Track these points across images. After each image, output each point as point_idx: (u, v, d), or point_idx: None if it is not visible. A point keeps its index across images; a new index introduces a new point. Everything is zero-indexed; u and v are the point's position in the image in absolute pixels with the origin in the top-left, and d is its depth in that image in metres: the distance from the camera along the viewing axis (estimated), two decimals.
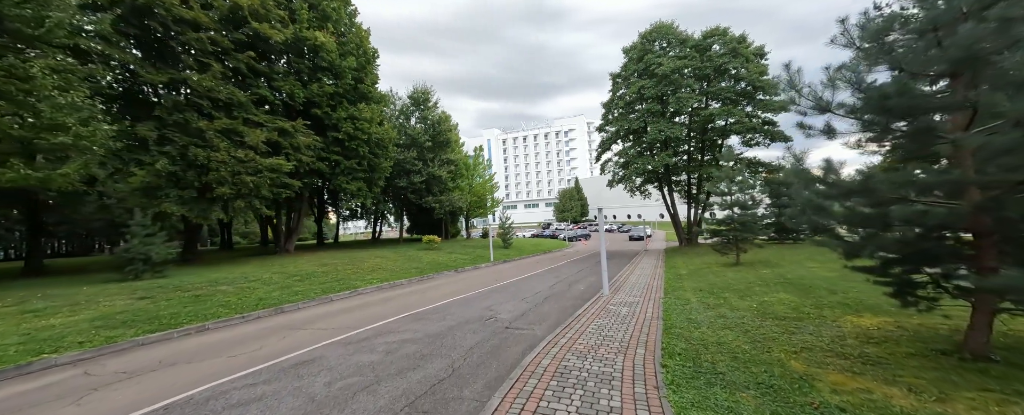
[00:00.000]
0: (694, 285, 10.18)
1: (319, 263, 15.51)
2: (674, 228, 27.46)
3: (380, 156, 21.09)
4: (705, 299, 8.09)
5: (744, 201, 12.68)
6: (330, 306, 9.37)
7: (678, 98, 20.16)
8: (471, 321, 7.37)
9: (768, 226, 12.71)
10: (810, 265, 12.14)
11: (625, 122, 22.92)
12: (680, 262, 16.70)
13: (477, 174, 35.82)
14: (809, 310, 6.29)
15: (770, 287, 8.68)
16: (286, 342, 6.10)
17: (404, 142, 25.48)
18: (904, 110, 3.27)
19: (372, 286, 11.96)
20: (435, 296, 10.34)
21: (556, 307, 8.57)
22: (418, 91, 27.62)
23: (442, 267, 16.89)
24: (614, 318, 7.00)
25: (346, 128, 18.23)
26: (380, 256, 18.74)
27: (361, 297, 10.59)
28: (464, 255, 21.39)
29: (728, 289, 9.00)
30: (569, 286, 11.80)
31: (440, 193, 27.27)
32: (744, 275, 10.91)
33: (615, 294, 9.55)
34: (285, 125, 15.57)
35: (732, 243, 13.11)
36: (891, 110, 3.30)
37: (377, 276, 13.69)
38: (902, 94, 3.14)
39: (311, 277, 12.50)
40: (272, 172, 14.42)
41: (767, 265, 12.54)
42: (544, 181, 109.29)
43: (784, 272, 10.76)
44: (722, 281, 10.28)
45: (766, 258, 14.38)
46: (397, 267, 16.00)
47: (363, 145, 19.19)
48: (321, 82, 17.44)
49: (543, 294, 10.35)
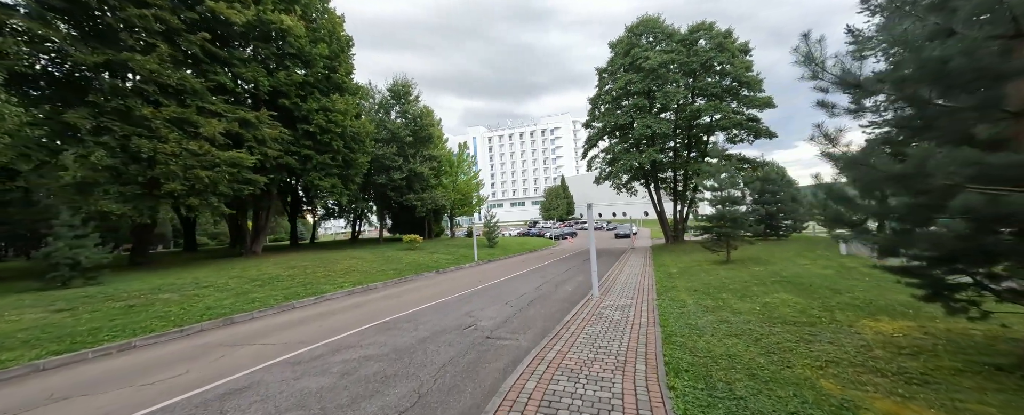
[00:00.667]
0: (687, 284, 9.64)
1: (287, 265, 14.30)
2: (660, 225, 27.25)
3: (357, 151, 19.89)
4: (702, 300, 7.51)
5: (734, 197, 12.28)
6: (290, 315, 8.35)
7: (665, 92, 19.79)
8: (448, 330, 6.54)
9: (757, 222, 12.31)
10: (801, 262, 11.83)
11: (612, 117, 22.43)
12: (669, 260, 16.28)
13: (461, 171, 34.82)
14: (818, 313, 5.76)
15: (768, 286, 8.19)
16: (221, 363, 5.12)
17: (384, 137, 24.28)
18: (968, 77, 2.67)
19: (342, 291, 10.93)
20: (411, 301, 9.44)
21: (543, 311, 7.83)
22: (398, 84, 26.41)
23: (422, 268, 15.94)
24: (606, 324, 6.31)
25: (318, 120, 16.99)
26: (356, 257, 17.61)
27: (328, 303, 9.58)
28: (447, 255, 20.46)
29: (724, 289, 8.47)
30: (556, 287, 11.10)
31: (422, 190, 26.18)
32: (737, 273, 10.45)
33: (605, 296, 8.89)
34: (248, 115, 14.26)
35: (722, 240, 12.70)
36: (951, 77, 2.70)
37: (350, 279, 12.64)
38: (969, 58, 2.53)
39: (274, 282, 11.36)
40: (232, 166, 13.13)
41: (758, 262, 12.17)
42: (530, 179, 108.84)
43: (778, 270, 10.36)
44: (716, 280, 9.78)
45: (755, 255, 14.07)
46: (373, 269, 14.96)
47: (337, 139, 17.97)
48: (289, 70, 16.14)
49: (529, 296, 9.61)
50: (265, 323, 7.62)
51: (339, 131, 17.73)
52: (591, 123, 26.22)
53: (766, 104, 20.40)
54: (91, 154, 10.21)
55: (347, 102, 18.06)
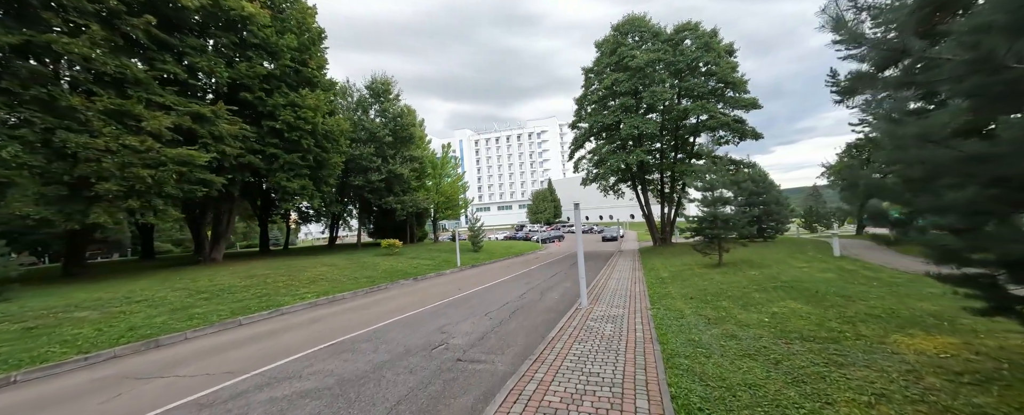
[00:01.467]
0: (682, 291, 8.91)
1: (246, 274, 12.95)
2: (648, 228, 26.82)
3: (330, 151, 18.62)
4: (701, 310, 6.75)
5: (725, 197, 11.72)
6: (233, 334, 7.17)
7: (652, 92, 19.35)
8: (413, 351, 5.55)
9: (749, 224, 11.78)
10: (796, 264, 11.32)
11: (599, 117, 21.87)
12: (658, 263, 15.65)
13: (445, 173, 33.70)
14: (837, 326, 5.05)
15: (769, 293, 7.52)
16: (110, 407, 3.99)
17: (361, 136, 23.03)
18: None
19: (303, 303, 9.76)
20: (379, 314, 8.38)
21: (525, 325, 6.93)
22: (377, 82, 25.23)
23: (400, 275, 14.82)
24: (597, 340, 5.45)
25: (285, 116, 15.70)
26: (328, 264, 16.32)
27: (283, 318, 8.41)
28: (427, 260, 19.34)
29: (723, 296, 7.75)
30: (541, 295, 10.22)
31: (403, 193, 24.99)
32: (733, 278, 9.81)
33: (595, 305, 8.06)
34: (202, 109, 12.91)
35: (714, 242, 12.11)
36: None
37: (315, 289, 11.45)
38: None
39: (225, 294, 10.08)
40: (180, 165, 11.78)
41: (752, 265, 11.60)
42: (517, 183, 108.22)
43: (775, 273, 9.76)
44: (712, 286, 9.08)
45: (747, 258, 13.55)
46: (344, 277, 13.76)
47: (307, 137, 16.70)
48: (252, 62, 14.85)
49: (511, 306, 8.68)
50: (197, 345, 6.44)
51: (309, 128, 16.48)
52: (577, 124, 25.64)
53: (752, 105, 20.21)
54: (3, 148, 8.77)
55: (318, 97, 16.84)
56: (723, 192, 11.55)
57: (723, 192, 11.55)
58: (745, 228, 11.84)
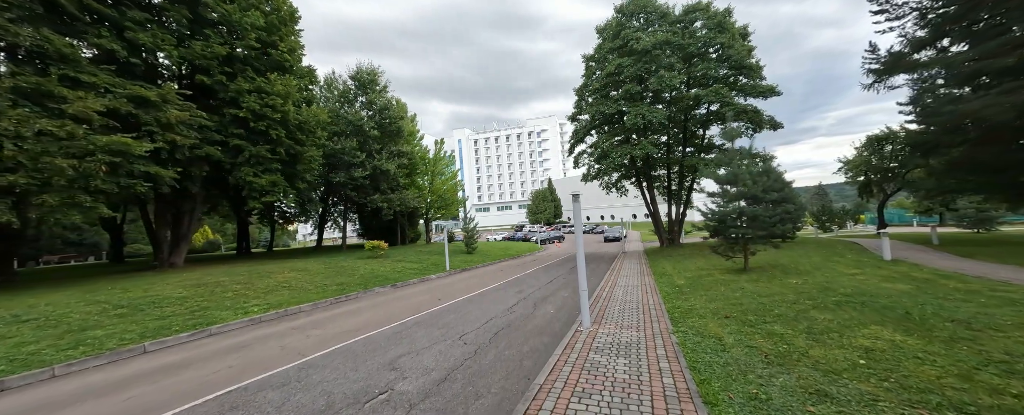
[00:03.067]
0: (710, 305, 7.12)
1: (196, 282, 11.22)
2: (654, 227, 25.01)
3: (306, 143, 16.92)
4: (748, 337, 4.96)
5: (755, 191, 9.92)
6: (113, 370, 5.43)
7: (659, 78, 17.56)
8: (336, 406, 3.79)
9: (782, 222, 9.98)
10: (845, 270, 9.50)
11: (601, 105, 20.09)
12: (669, 267, 13.86)
13: (438, 171, 31.99)
14: (998, 381, 3.22)
15: (835, 311, 5.70)
16: None
17: (345, 130, 21.32)
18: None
19: (245, 319, 8.01)
20: (327, 336, 6.63)
21: (508, 356, 5.17)
22: (362, 71, 23.52)
23: (378, 281, 13.11)
24: (607, 391, 3.68)
25: (249, 103, 13.98)
26: (300, 269, 14.60)
27: (201, 344, 6.66)
28: (414, 264, 17.61)
29: (768, 314, 5.96)
30: (534, 307, 8.45)
31: (390, 191, 23.26)
32: (770, 287, 8.01)
33: (600, 325, 6.28)
34: (146, 92, 11.20)
35: (738, 243, 10.31)
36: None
37: (270, 300, 9.71)
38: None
39: (150, 307, 8.34)
40: (113, 154, 10.06)
41: (786, 271, 9.79)
42: (517, 183, 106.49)
43: (824, 282, 7.95)
44: (746, 298, 7.29)
45: (774, 261, 11.75)
46: (313, 284, 12.03)
47: (276, 127, 14.99)
48: (208, 40, 13.14)
49: (495, 325, 6.92)
50: (40, 394, 4.69)
51: (278, 117, 14.75)
52: (577, 116, 23.84)
53: (770, 92, 18.39)
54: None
55: (288, 83, 15.11)
56: (749, 183, 9.75)
57: (749, 183, 9.75)
58: (777, 227, 10.04)
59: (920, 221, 43.63)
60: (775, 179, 10.35)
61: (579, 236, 6.26)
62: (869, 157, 27.29)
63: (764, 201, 10.07)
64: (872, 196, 29.87)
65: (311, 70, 18.72)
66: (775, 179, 10.35)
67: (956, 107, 9.99)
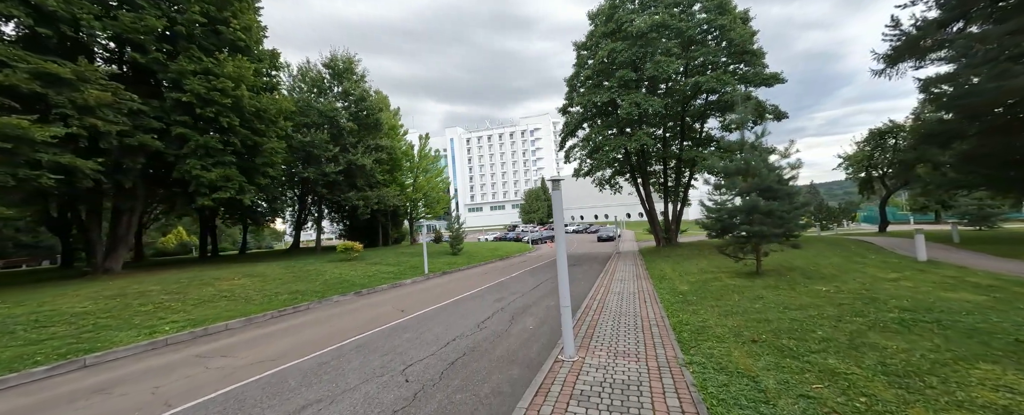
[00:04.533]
0: (724, 320, 5.67)
1: (117, 293, 9.52)
2: (650, 225, 23.68)
3: (267, 133, 15.21)
4: (795, 377, 3.50)
5: (769, 183, 8.54)
6: None
7: (656, 63, 16.19)
8: None
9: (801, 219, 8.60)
10: (877, 273, 8.14)
11: (594, 95, 18.67)
12: (668, 269, 12.46)
13: (423, 167, 30.33)
14: None
15: (905, 335, 4.27)
16: None
17: (318, 122, 19.58)
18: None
19: (147, 341, 6.39)
20: (230, 370, 5.05)
21: (460, 402, 3.64)
22: (337, 59, 21.78)
23: (343, 287, 11.55)
24: None
25: (193, 86, 12.28)
26: (256, 274, 12.95)
27: (59, 382, 5.04)
28: (390, 267, 16.02)
29: (809, 337, 4.52)
30: (512, 320, 6.96)
31: (368, 188, 21.58)
32: (795, 296, 6.60)
33: (587, 352, 4.79)
34: (55, 68, 9.46)
35: (751, 242, 8.91)
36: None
37: (197, 315, 8.08)
38: None
39: (32, 327, 6.68)
40: (4, 140, 8.32)
41: (807, 275, 8.42)
42: (511, 182, 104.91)
43: (862, 290, 6.55)
44: (770, 312, 5.87)
45: (787, 262, 10.39)
46: (262, 292, 10.41)
47: (228, 114, 13.27)
48: (142, 13, 11.41)
49: (456, 348, 5.41)
50: None
51: (229, 103, 13.04)
52: (568, 108, 22.38)
53: (774, 80, 17.12)
54: None
55: (241, 65, 13.40)
56: (764, 173, 8.36)
57: (764, 173, 8.36)
58: (794, 224, 8.66)
59: (917, 219, 43.11)
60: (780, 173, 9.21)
61: (560, 236, 4.76)
62: (871, 152, 26.34)
63: (780, 193, 8.68)
64: (873, 193, 29.00)
65: (274, 53, 17.00)
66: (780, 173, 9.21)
67: (1000, 84, 8.76)
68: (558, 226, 4.74)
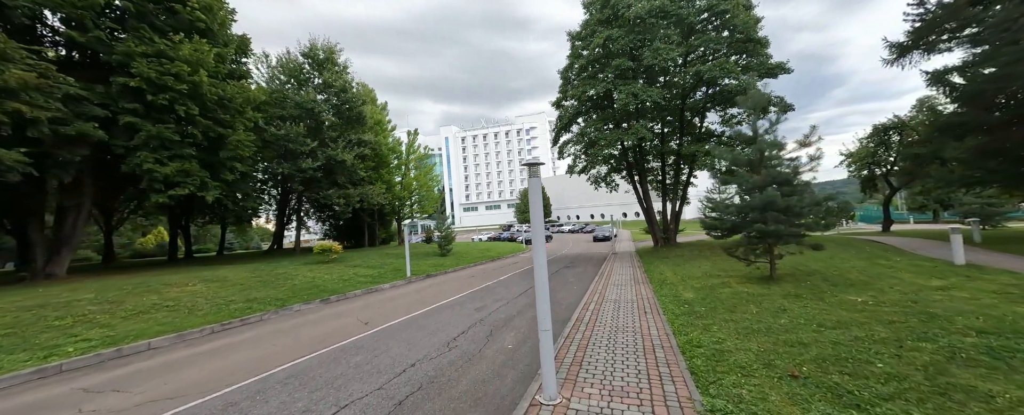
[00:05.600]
0: (746, 343, 4.58)
1: (39, 303, 8.28)
2: (648, 225, 22.66)
3: (231, 125, 13.95)
4: None
5: (788, 174, 7.48)
6: None
7: (655, 50, 15.13)
8: None
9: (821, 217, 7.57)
10: (914, 279, 7.10)
11: (588, 86, 17.57)
12: (669, 272, 11.38)
13: (412, 164, 29.10)
14: None
15: (1002, 372, 3.20)
16: None
17: (293, 113, 18.29)
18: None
19: (28, 370, 5.19)
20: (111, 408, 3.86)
21: None
22: (317, 47, 20.49)
23: (309, 294, 10.40)
24: None
25: (142, 69, 11.01)
26: (215, 279, 11.73)
27: None
28: (369, 270, 14.85)
29: (868, 371, 3.44)
30: (488, 338, 5.83)
31: (351, 185, 20.33)
32: (826, 310, 5.52)
33: (574, 388, 3.67)
34: None
35: (765, 243, 7.84)
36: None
37: (120, 331, 6.88)
38: None
39: None
40: None
41: (831, 281, 7.35)
42: (506, 182, 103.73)
43: (906, 301, 5.49)
44: (801, 330, 4.79)
45: (803, 265, 9.35)
46: (213, 301, 9.20)
47: (186, 102, 12.01)
48: None
49: (410, 381, 4.27)
50: None
51: (185, 89, 11.77)
52: (562, 102, 21.26)
53: (780, 70, 16.12)
54: None
55: (200, 47, 12.13)
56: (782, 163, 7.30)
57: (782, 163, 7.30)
58: (815, 222, 7.60)
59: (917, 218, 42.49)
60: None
61: (538, 235, 3.62)
62: (875, 149, 25.50)
63: (798, 188, 7.62)
64: (876, 191, 28.23)
65: (243, 39, 15.72)
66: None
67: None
68: (536, 221, 3.60)
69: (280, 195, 24.29)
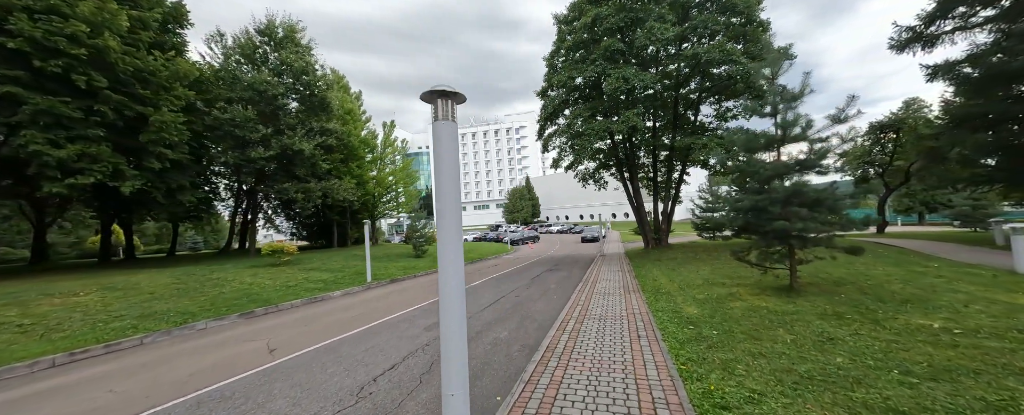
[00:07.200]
0: (800, 405, 2.89)
1: None
2: (638, 224, 21.17)
3: (154, 103, 11.83)
4: None
5: (816, 159, 5.94)
6: None
7: (648, 29, 13.63)
8: None
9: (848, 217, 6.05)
10: (981, 292, 5.61)
11: (574, 71, 15.97)
12: (664, 279, 9.79)
13: (387, 157, 27.08)
14: None
15: None
16: None
17: (244, 96, 16.11)
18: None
19: None
20: None
21: None
22: (274, 24, 18.33)
23: (237, 306, 8.57)
24: None
25: (25, 27, 8.88)
26: (118, 287, 9.70)
27: None
28: (327, 274, 12.99)
29: None
30: (422, 378, 4.06)
31: (314, 179, 18.27)
32: (901, 341, 3.94)
33: None
34: None
35: (785, 246, 6.28)
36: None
37: None
38: None
39: None
40: None
41: (871, 294, 5.82)
42: (495, 181, 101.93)
43: (998, 328, 3.94)
44: (881, 380, 3.20)
45: (827, 273, 7.85)
46: (93, 316, 7.27)
47: (88, 72, 9.89)
48: None
49: None
50: None
51: (84, 55, 9.65)
52: (547, 91, 19.64)
53: (784, 56, 14.76)
54: None
55: (106, 6, 10.01)
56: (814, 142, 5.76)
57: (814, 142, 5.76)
58: (848, 219, 6.06)
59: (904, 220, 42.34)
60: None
61: (453, 234, 1.87)
62: (870, 148, 24.65)
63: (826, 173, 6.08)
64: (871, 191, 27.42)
65: (178, 6, 13.57)
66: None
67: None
68: (449, 210, 1.86)
69: (236, 189, 21.99)
